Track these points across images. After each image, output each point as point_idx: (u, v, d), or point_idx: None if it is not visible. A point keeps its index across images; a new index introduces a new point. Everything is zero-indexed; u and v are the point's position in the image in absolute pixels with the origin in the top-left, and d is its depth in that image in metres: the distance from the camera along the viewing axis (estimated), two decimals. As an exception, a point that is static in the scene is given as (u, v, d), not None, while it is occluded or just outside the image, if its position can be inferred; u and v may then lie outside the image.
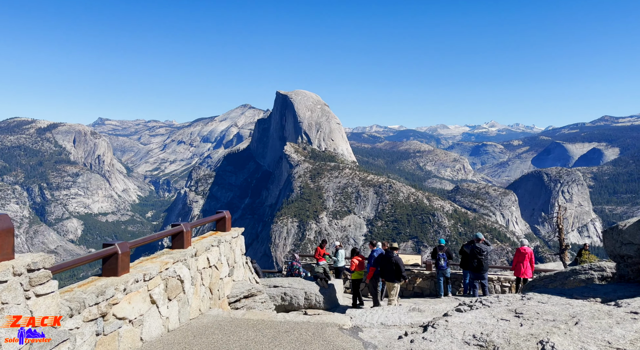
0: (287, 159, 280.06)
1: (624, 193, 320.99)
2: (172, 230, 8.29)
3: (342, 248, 19.52)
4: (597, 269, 8.65)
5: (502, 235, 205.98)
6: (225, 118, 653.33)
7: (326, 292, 13.53)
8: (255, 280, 11.15)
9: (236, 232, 10.75)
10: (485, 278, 13.83)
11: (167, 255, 7.77)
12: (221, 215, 10.54)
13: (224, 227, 10.40)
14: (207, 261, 8.70)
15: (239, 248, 10.81)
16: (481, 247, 13.88)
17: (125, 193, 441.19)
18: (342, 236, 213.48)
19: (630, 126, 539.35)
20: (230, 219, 10.70)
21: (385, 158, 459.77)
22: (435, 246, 18.84)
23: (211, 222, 10.36)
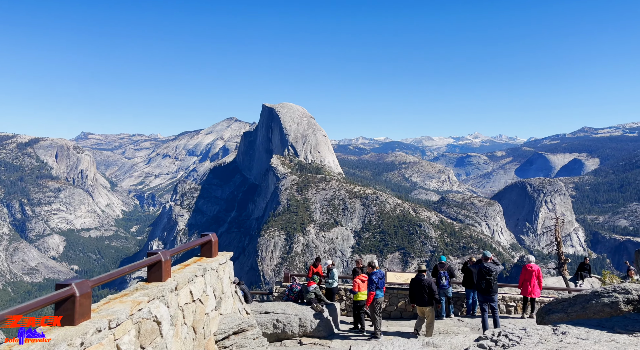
0: (273, 172, 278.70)
1: (604, 202, 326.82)
2: (148, 260, 7.14)
3: (335, 267, 18.54)
4: (621, 291, 7.96)
5: (487, 246, 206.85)
6: (211, 131, 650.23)
7: (322, 318, 12.46)
8: (245, 310, 10.00)
9: (224, 257, 9.59)
10: (495, 300, 12.80)
11: (140, 291, 6.56)
12: (206, 238, 9.33)
13: (210, 252, 9.28)
14: (190, 295, 7.55)
15: (227, 276, 9.65)
16: (490, 266, 12.83)
17: (109, 208, 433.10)
18: (329, 248, 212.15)
19: (609, 137, 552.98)
20: (217, 243, 9.56)
21: (371, 170, 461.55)
22: (436, 264, 17.94)
23: (195, 246, 9.12)
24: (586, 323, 6.42)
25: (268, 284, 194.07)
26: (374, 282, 13.43)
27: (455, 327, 15.19)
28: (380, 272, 13.92)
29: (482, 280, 12.67)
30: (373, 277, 13.52)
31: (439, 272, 17.10)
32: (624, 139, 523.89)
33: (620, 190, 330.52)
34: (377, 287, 13.36)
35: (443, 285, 16.89)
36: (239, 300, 9.86)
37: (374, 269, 13.89)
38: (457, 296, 18.45)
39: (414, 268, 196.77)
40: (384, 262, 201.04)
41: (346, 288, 19.68)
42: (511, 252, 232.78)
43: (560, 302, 8.71)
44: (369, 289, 13.36)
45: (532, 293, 16.18)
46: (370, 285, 13.39)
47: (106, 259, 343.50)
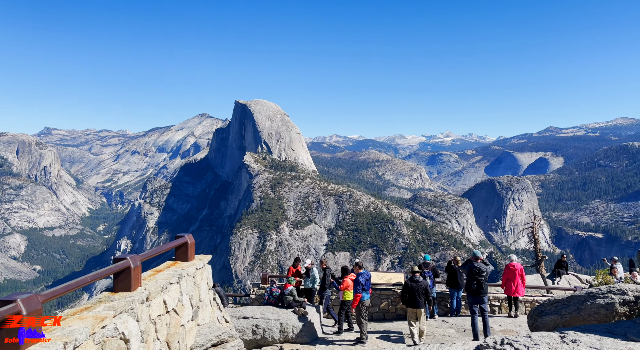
0: (246, 169, 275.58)
1: (568, 200, 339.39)
2: (114, 267, 6.11)
3: (314, 267, 17.83)
4: (617, 292, 7.66)
5: (458, 243, 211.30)
6: (182, 127, 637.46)
7: (305, 322, 11.76)
8: (224, 318, 9.16)
9: (201, 261, 8.71)
10: (485, 302, 12.37)
11: (105, 304, 5.58)
12: (181, 240, 8.38)
13: (186, 255, 8.36)
14: (164, 305, 6.66)
15: (205, 282, 8.79)
16: (480, 266, 12.38)
17: (74, 206, 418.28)
18: (303, 246, 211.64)
19: (573, 136, 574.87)
20: (193, 245, 8.65)
21: (345, 167, 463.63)
22: (420, 263, 17.45)
23: (168, 250, 8.16)
24: (594, 329, 5.96)
25: (241, 283, 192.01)
26: (361, 284, 12.84)
27: (440, 329, 14.76)
28: (367, 273, 13.40)
29: (473, 280, 12.27)
30: (360, 278, 12.93)
31: (423, 272, 16.65)
32: (587, 138, 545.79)
33: (582, 188, 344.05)
34: (363, 288, 12.80)
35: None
36: (217, 308, 8.98)
37: (361, 270, 13.34)
38: (441, 296, 18.12)
39: (387, 266, 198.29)
40: (358, 259, 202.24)
41: None
42: (480, 248, 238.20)
43: (553, 304, 8.37)
44: (354, 291, 12.81)
45: (517, 292, 16.06)
46: (356, 287, 12.80)
47: (71, 258, 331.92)
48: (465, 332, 14.48)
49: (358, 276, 13.02)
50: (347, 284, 13.05)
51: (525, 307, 18.05)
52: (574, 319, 7.87)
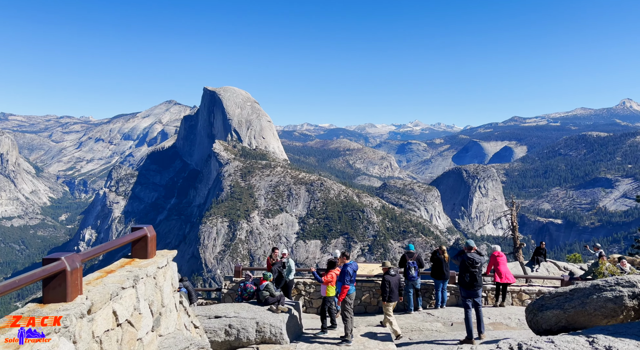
0: (216, 157, 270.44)
1: (531, 187, 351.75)
2: (40, 271, 4.56)
3: (290, 257, 16.81)
4: (626, 284, 7.16)
5: (426, 230, 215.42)
6: (149, 114, 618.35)
7: (284, 319, 10.88)
8: (193, 324, 7.89)
9: (164, 258, 7.29)
10: (480, 295, 11.71)
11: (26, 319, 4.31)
12: (139, 233, 7.01)
13: (145, 251, 7.02)
14: (114, 317, 5.24)
15: (169, 283, 7.36)
16: (474, 257, 11.68)
17: (34, 195, 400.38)
18: (274, 235, 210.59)
19: (536, 126, 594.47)
20: (154, 239, 7.28)
21: (316, 156, 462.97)
22: (404, 253, 16.63)
23: (122, 245, 6.67)
24: (623, 330, 5.31)
25: (210, 272, 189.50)
26: (349, 275, 12.02)
27: (427, 323, 14.11)
28: (355, 264, 12.56)
29: (466, 272, 11.56)
30: (348, 269, 12.10)
31: (408, 263, 15.97)
32: (549, 128, 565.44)
33: (544, 176, 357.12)
34: (351, 280, 11.99)
35: (412, 277, 15.92)
36: (184, 312, 7.66)
37: (348, 260, 12.49)
38: (425, 287, 17.41)
39: (357, 253, 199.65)
40: (328, 247, 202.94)
41: (305, 282, 18.03)
42: (447, 235, 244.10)
43: (555, 297, 7.83)
44: (341, 283, 12.01)
45: (507, 278, 15.83)
46: (344, 278, 12.00)
47: (31, 249, 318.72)
48: (453, 325, 13.92)
49: (346, 267, 12.25)
50: (330, 277, 12.21)
51: (512, 297, 17.54)
52: (578, 313, 7.34)
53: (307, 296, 17.96)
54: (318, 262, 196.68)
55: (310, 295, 17.98)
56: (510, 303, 17.36)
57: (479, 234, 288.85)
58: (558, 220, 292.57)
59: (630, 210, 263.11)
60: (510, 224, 29.49)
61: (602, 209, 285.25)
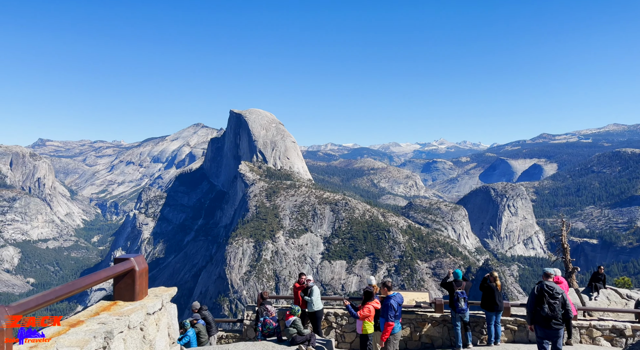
0: (242, 178, 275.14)
1: (563, 206, 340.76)
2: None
3: (316, 285, 15.07)
4: None
5: (454, 250, 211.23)
6: (177, 137, 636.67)
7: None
8: None
9: (158, 299, 5.84)
10: (561, 335, 9.82)
11: None
12: (124, 266, 5.57)
13: (132, 290, 5.61)
14: None
15: (164, 333, 5.85)
16: (554, 287, 9.82)
17: (68, 217, 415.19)
18: (299, 255, 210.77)
19: (566, 143, 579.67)
20: (145, 274, 5.85)
21: (340, 176, 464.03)
22: (451, 281, 14.09)
23: (99, 282, 5.17)
24: None
25: (237, 293, 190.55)
26: (394, 310, 10.38)
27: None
28: (400, 297, 10.85)
29: (543, 305, 9.66)
30: (391, 303, 10.41)
31: (456, 293, 13.71)
32: (580, 145, 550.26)
33: (576, 194, 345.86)
34: (395, 316, 10.43)
35: (461, 309, 13.69)
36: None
37: (390, 292, 10.69)
38: (475, 320, 14.93)
39: (383, 274, 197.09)
40: (354, 267, 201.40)
41: (336, 312, 15.76)
42: (476, 255, 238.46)
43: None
44: (384, 318, 10.37)
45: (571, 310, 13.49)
46: (387, 313, 10.34)
47: (65, 270, 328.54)
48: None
49: (389, 299, 10.52)
50: (367, 312, 10.47)
51: (580, 334, 14.78)
52: None
53: (339, 329, 15.63)
54: (344, 282, 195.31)
55: (343, 328, 15.63)
56: (579, 340, 14.72)
57: (509, 254, 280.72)
58: (593, 240, 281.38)
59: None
60: (561, 245, 26.63)
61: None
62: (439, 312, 15.28)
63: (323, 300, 15.51)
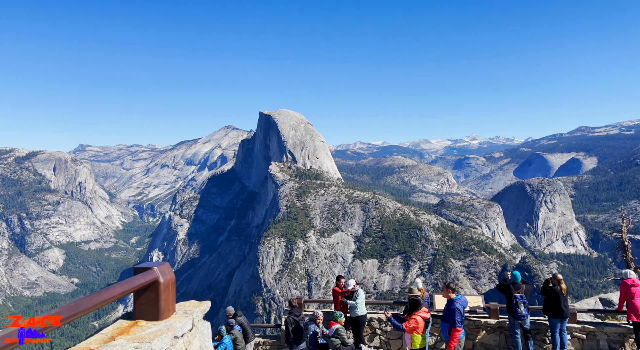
0: (272, 179, 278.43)
1: (604, 201, 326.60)
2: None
3: (360, 288, 13.98)
4: None
5: (489, 248, 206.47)
6: (209, 140, 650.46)
7: None
8: None
9: (187, 318, 4.92)
10: None
11: None
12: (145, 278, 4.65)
13: (155, 307, 4.74)
14: None
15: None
16: None
17: (108, 219, 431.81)
18: (330, 254, 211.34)
19: (606, 136, 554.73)
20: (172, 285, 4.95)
21: (370, 174, 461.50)
22: (508, 283, 12.98)
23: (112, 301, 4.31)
24: None
25: (270, 292, 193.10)
26: (460, 314, 9.41)
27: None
28: (465, 300, 9.94)
29: None
30: (457, 306, 9.48)
31: (515, 297, 12.57)
32: (621, 137, 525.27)
33: (619, 189, 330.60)
34: (461, 321, 9.55)
35: (521, 316, 12.52)
36: None
37: (453, 294, 9.79)
38: (536, 328, 13.75)
39: (416, 273, 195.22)
40: (386, 266, 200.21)
41: (380, 318, 14.76)
42: (512, 253, 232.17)
43: None
44: (451, 324, 9.49)
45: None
46: (453, 318, 9.41)
47: (106, 271, 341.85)
48: None
49: (453, 303, 9.59)
50: (415, 323, 9.30)
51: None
52: None
53: (384, 336, 14.50)
54: (376, 281, 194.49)
55: (387, 335, 14.55)
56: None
57: (547, 252, 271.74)
58: (638, 236, 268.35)
59: None
60: (621, 243, 24.73)
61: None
62: (495, 318, 14.07)
63: (367, 305, 14.51)
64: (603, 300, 19.54)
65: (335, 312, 10.96)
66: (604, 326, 13.60)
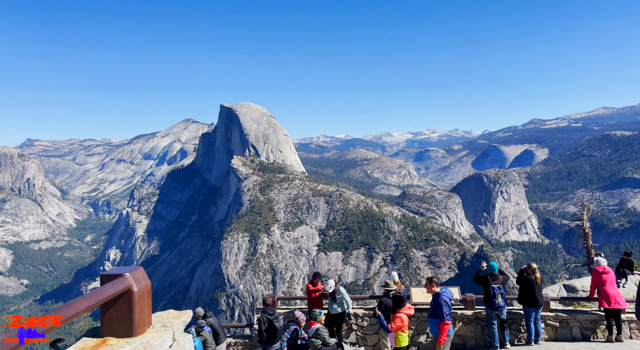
0: (234, 173, 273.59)
1: (554, 190, 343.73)
2: None
3: (340, 285, 13.36)
4: None
5: (449, 238, 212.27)
6: (168, 133, 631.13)
7: None
8: None
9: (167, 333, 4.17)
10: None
11: None
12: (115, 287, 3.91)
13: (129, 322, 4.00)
14: None
15: None
16: None
17: (60, 217, 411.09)
18: (294, 248, 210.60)
19: (556, 128, 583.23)
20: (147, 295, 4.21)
21: (333, 167, 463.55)
22: (486, 274, 12.85)
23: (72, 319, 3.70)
24: None
25: (233, 288, 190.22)
26: (448, 306, 9.23)
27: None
28: (450, 292, 9.69)
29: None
30: (444, 299, 9.26)
31: (492, 288, 12.47)
32: (570, 129, 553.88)
33: (568, 178, 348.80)
34: (450, 314, 9.35)
35: (499, 306, 12.45)
36: None
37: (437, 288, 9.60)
38: (512, 318, 13.69)
39: (379, 264, 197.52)
40: (350, 258, 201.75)
41: (356, 313, 14.43)
42: (471, 242, 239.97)
43: None
44: (439, 318, 9.26)
45: (618, 303, 12.50)
46: (441, 311, 9.19)
47: (59, 271, 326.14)
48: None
49: (439, 296, 9.35)
50: (400, 322, 9.26)
51: (629, 328, 13.68)
52: None
53: (360, 331, 14.23)
54: (340, 273, 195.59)
55: (364, 331, 14.27)
56: (629, 336, 13.59)
57: (503, 240, 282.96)
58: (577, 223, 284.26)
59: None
60: (582, 231, 25.07)
61: (631, 210, 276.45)
62: (471, 309, 14.08)
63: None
64: (567, 287, 19.75)
65: (315, 311, 10.44)
66: (576, 314, 13.80)
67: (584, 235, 25.33)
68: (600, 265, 13.13)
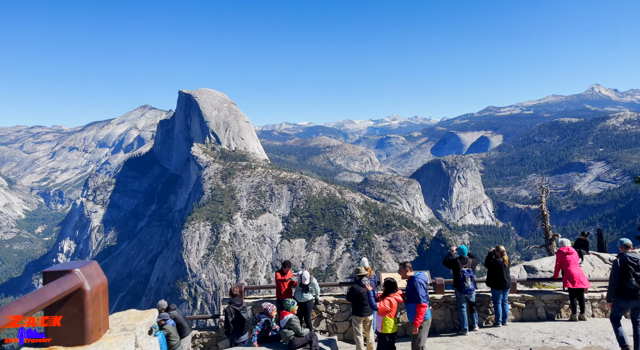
0: (195, 161, 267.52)
1: (508, 175, 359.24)
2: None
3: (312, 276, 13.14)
4: None
5: (409, 222, 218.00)
6: (124, 120, 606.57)
7: None
8: None
9: (128, 338, 3.59)
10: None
11: None
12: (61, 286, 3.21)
13: (80, 327, 3.37)
14: None
15: None
16: (638, 258, 9.33)
17: (7, 208, 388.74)
18: (258, 236, 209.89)
19: (510, 115, 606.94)
20: (102, 293, 3.59)
21: (296, 155, 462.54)
22: (455, 258, 13.01)
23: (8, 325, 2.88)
24: None
25: (195, 277, 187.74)
26: (424, 288, 9.33)
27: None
28: (424, 275, 9.76)
29: (629, 278, 9.09)
30: (420, 281, 9.36)
31: (462, 271, 12.65)
32: (522, 116, 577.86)
33: (520, 164, 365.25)
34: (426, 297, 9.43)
35: (468, 289, 12.61)
36: None
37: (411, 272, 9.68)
38: (480, 300, 13.90)
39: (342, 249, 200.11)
40: (313, 245, 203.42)
41: (326, 300, 14.22)
42: (430, 226, 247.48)
43: None
44: (414, 301, 9.27)
45: (582, 282, 12.68)
46: (418, 294, 9.20)
47: (8, 264, 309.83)
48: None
49: (414, 280, 9.41)
50: (389, 305, 9.20)
51: (591, 307, 13.97)
52: None
53: (330, 319, 14.18)
54: (304, 260, 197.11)
55: (334, 318, 14.19)
56: (591, 314, 13.86)
57: (460, 224, 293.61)
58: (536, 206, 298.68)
59: (604, 193, 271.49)
60: (540, 213, 25.89)
61: (577, 193, 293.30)
62: (440, 293, 14.13)
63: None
64: (527, 268, 20.81)
65: (287, 301, 10.32)
66: (541, 294, 14.17)
67: (542, 217, 26.40)
68: (564, 246, 13.35)
